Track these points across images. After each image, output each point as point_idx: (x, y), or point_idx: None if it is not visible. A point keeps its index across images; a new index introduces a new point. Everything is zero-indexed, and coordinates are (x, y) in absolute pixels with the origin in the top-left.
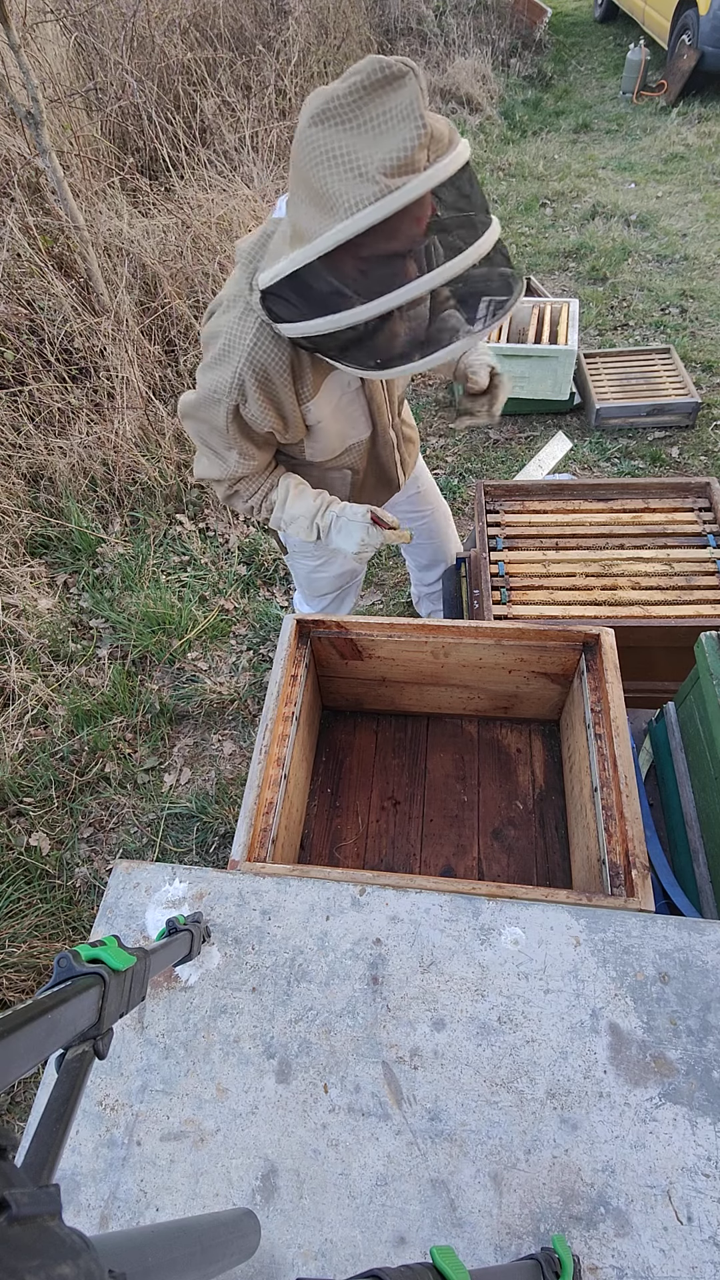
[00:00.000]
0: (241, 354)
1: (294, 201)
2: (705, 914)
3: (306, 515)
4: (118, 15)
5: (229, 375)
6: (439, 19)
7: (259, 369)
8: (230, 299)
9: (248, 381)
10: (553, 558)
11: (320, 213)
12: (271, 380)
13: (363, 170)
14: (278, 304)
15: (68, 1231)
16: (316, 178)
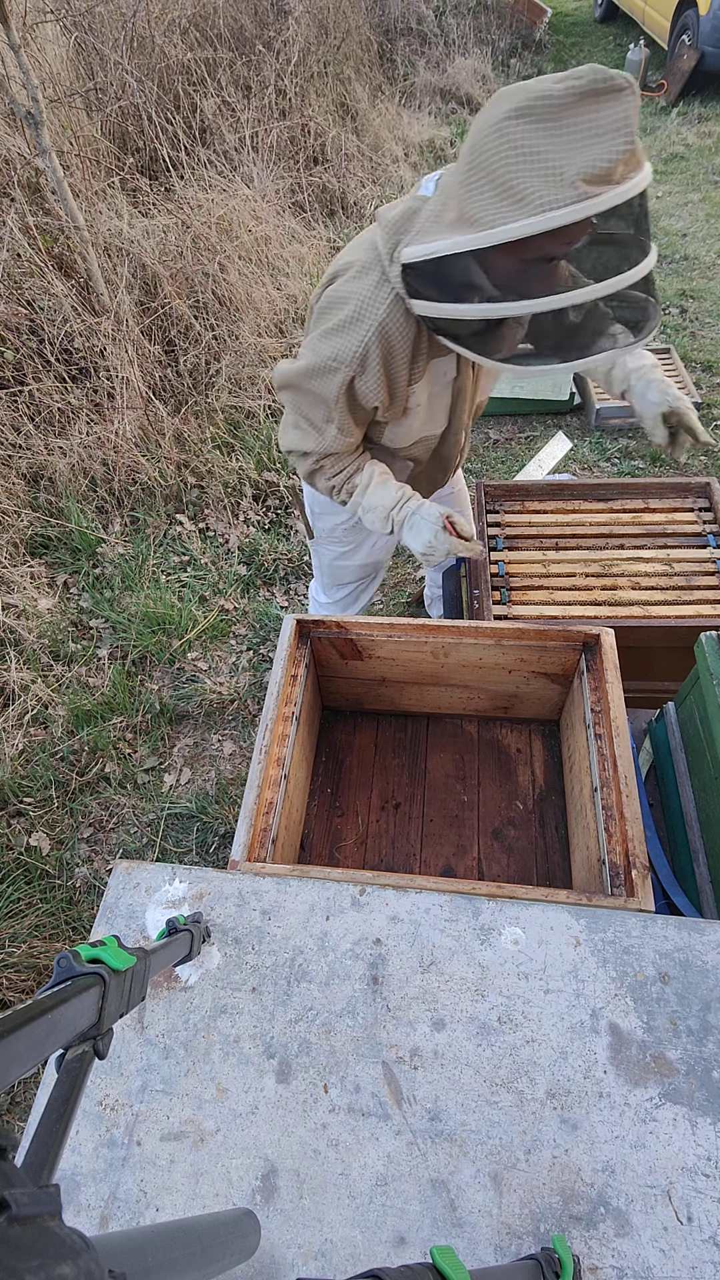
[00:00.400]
0: (372, 323)
1: (468, 186)
2: (705, 914)
3: (385, 506)
4: (118, 15)
5: (354, 344)
6: (439, 19)
7: (386, 340)
8: (363, 266)
9: (372, 352)
10: (553, 558)
11: (504, 204)
12: (394, 354)
13: (561, 173)
14: (420, 281)
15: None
16: (507, 170)
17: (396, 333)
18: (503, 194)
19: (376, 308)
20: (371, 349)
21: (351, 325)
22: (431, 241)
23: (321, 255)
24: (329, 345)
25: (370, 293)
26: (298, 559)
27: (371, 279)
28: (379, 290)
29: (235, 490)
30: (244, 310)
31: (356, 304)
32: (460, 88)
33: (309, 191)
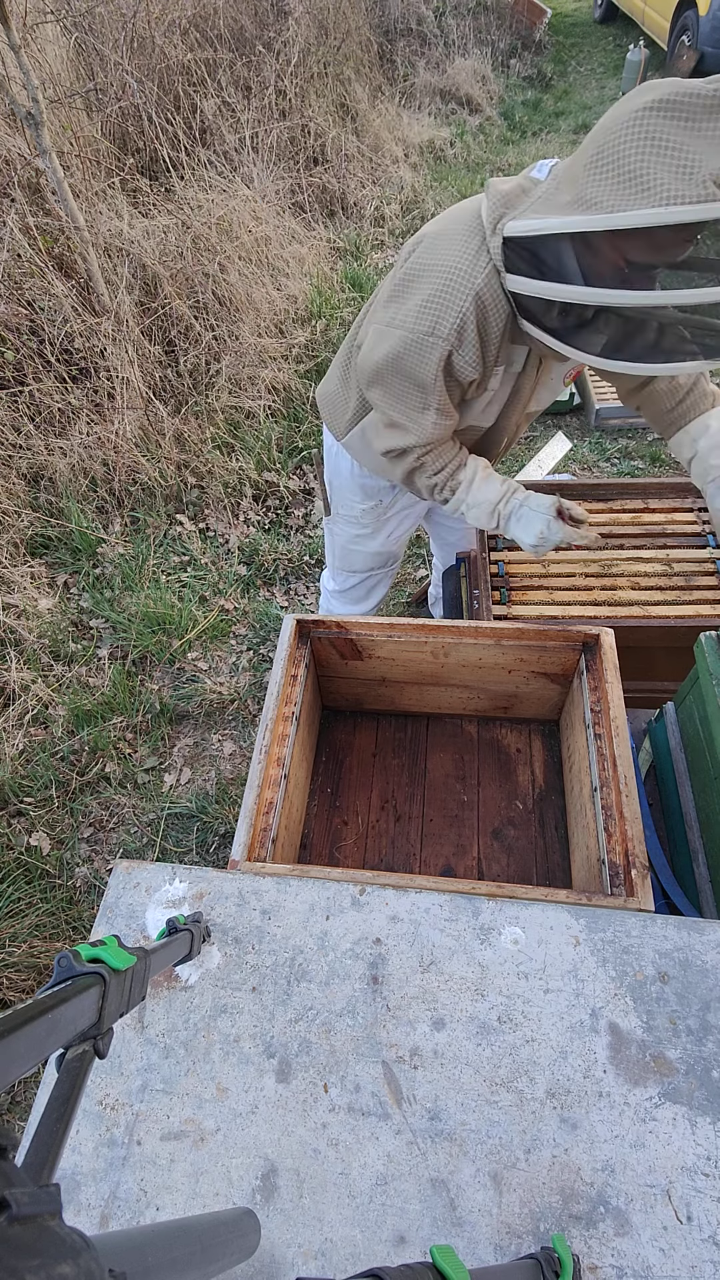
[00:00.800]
0: (469, 292)
1: (592, 169)
2: (705, 914)
3: (490, 501)
4: (118, 16)
5: (452, 315)
6: (439, 19)
7: (482, 311)
8: (461, 233)
9: (469, 322)
10: (552, 558)
11: (627, 191)
12: (489, 327)
13: (692, 171)
14: (521, 256)
15: (68, 1231)
16: (637, 158)
17: (492, 304)
18: (628, 181)
19: (474, 276)
20: (468, 319)
21: (447, 295)
22: (542, 218)
23: (321, 255)
24: (424, 319)
25: (468, 261)
26: (298, 559)
27: (470, 247)
28: (478, 259)
29: (235, 490)
30: (244, 310)
31: (450, 272)
32: (460, 88)
33: (309, 192)
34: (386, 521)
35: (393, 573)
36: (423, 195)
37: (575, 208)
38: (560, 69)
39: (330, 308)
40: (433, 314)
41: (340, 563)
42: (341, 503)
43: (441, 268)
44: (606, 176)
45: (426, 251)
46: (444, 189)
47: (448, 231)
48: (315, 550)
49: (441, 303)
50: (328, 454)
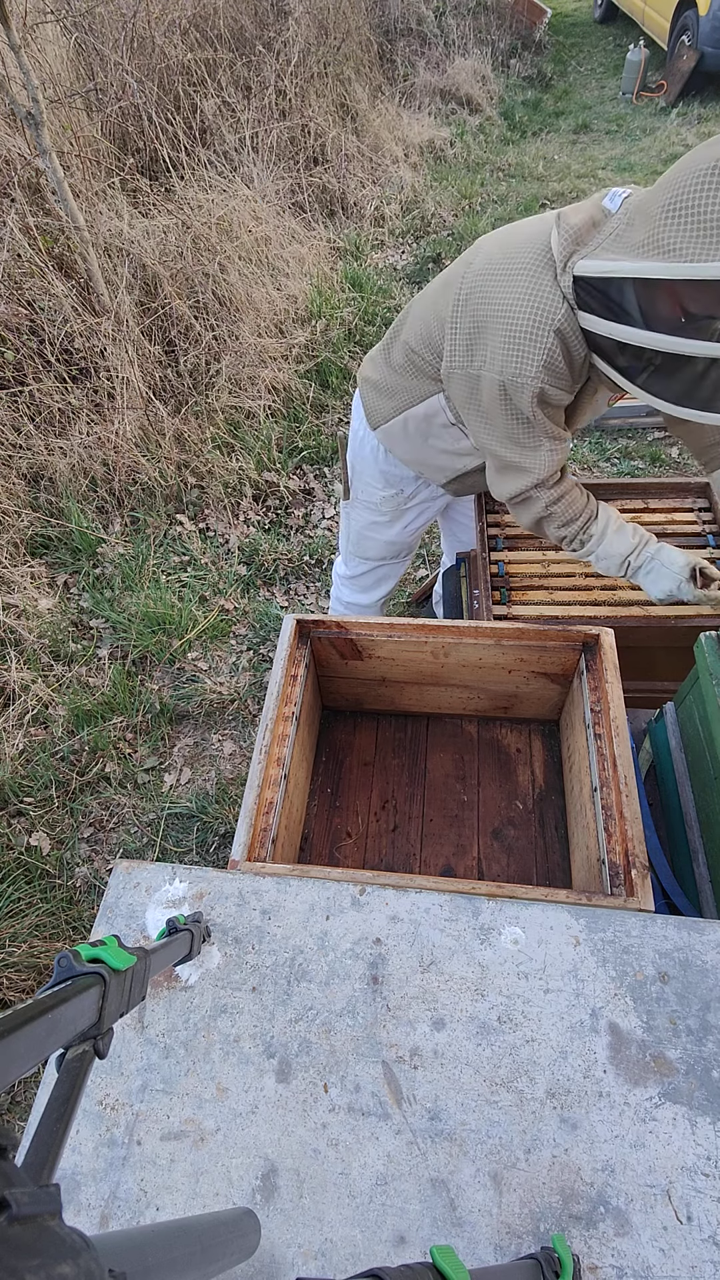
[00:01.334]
0: (549, 329)
1: (670, 213)
2: (705, 914)
3: (621, 554)
4: (118, 16)
5: (539, 353)
6: (439, 20)
7: (565, 343)
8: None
9: (556, 356)
10: (553, 558)
11: (706, 240)
12: (573, 355)
13: None
14: (594, 296)
15: (68, 1231)
16: (716, 207)
17: (572, 336)
18: (708, 230)
19: (554, 313)
20: (555, 353)
21: (531, 335)
22: (614, 260)
23: (321, 255)
24: (510, 361)
25: (545, 298)
26: (298, 559)
27: (544, 283)
28: (551, 294)
29: (235, 490)
30: (244, 310)
31: (529, 310)
32: (460, 88)
33: (309, 192)
34: (405, 512)
35: (404, 565)
36: (423, 195)
37: (651, 251)
38: (560, 69)
39: (330, 308)
40: (518, 355)
41: (354, 548)
42: (362, 488)
43: (519, 306)
44: (685, 224)
45: (499, 286)
46: (444, 189)
47: (517, 264)
48: (315, 550)
49: (526, 343)
50: (353, 438)
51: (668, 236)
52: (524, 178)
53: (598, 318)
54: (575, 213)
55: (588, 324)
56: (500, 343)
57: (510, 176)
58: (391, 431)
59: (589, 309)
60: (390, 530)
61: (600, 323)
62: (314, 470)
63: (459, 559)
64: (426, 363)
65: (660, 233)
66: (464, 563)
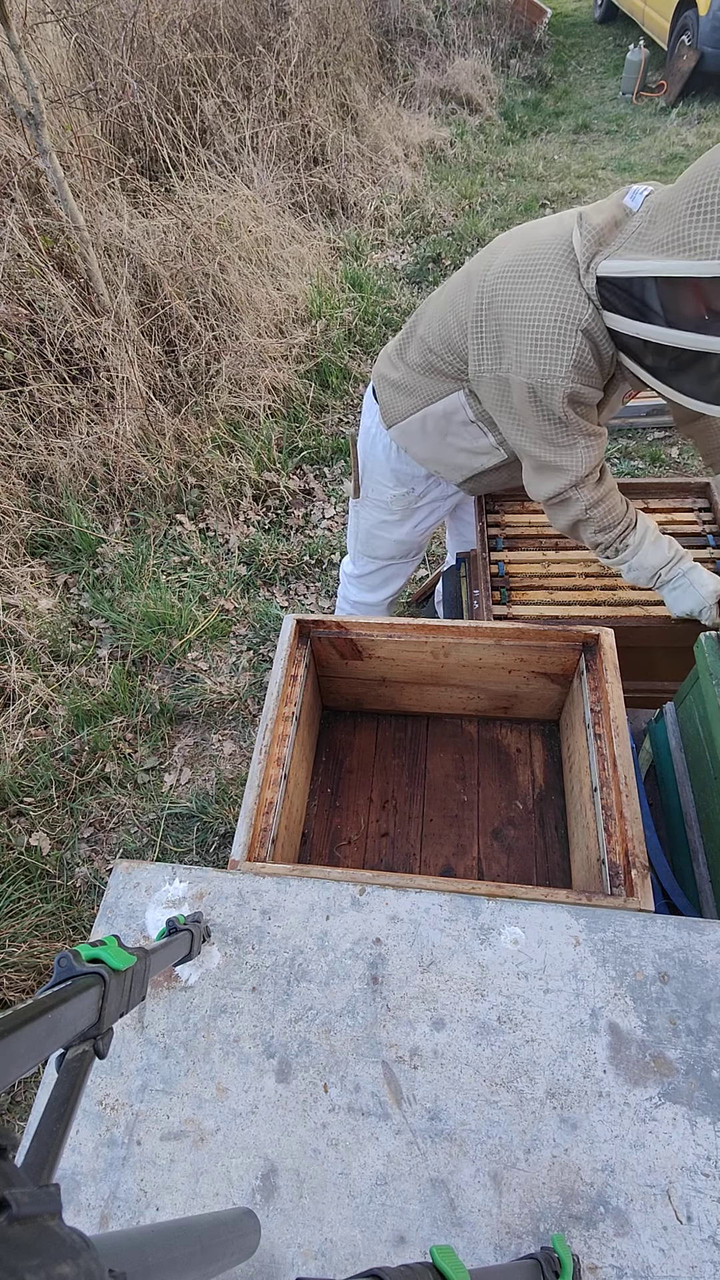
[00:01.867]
0: (576, 329)
1: (694, 209)
2: (705, 914)
3: (654, 566)
4: (118, 16)
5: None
6: (439, 20)
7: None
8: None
9: (586, 356)
10: (553, 558)
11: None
12: (601, 354)
13: None
14: (619, 296)
15: (68, 1231)
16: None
17: (599, 335)
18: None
19: (580, 313)
20: (584, 353)
21: (558, 337)
22: (638, 259)
23: (321, 255)
24: (539, 363)
25: (570, 299)
26: (298, 559)
27: (568, 283)
28: (575, 294)
29: (235, 490)
30: (244, 310)
31: (556, 313)
32: (460, 88)
33: (309, 192)
34: (415, 511)
35: (413, 565)
36: (423, 195)
37: (675, 249)
38: (560, 69)
39: (330, 308)
40: (546, 358)
41: (362, 547)
42: (372, 486)
43: (544, 308)
44: (710, 220)
45: (522, 288)
46: (444, 189)
47: (539, 265)
48: (315, 550)
49: (554, 345)
50: (364, 435)
51: (692, 233)
52: (524, 178)
53: (623, 317)
54: (597, 212)
55: (614, 324)
56: (528, 345)
57: (510, 176)
58: (409, 429)
59: (614, 309)
60: (400, 529)
61: (626, 322)
62: (314, 470)
63: (459, 559)
64: (446, 362)
65: (684, 230)
66: (464, 563)
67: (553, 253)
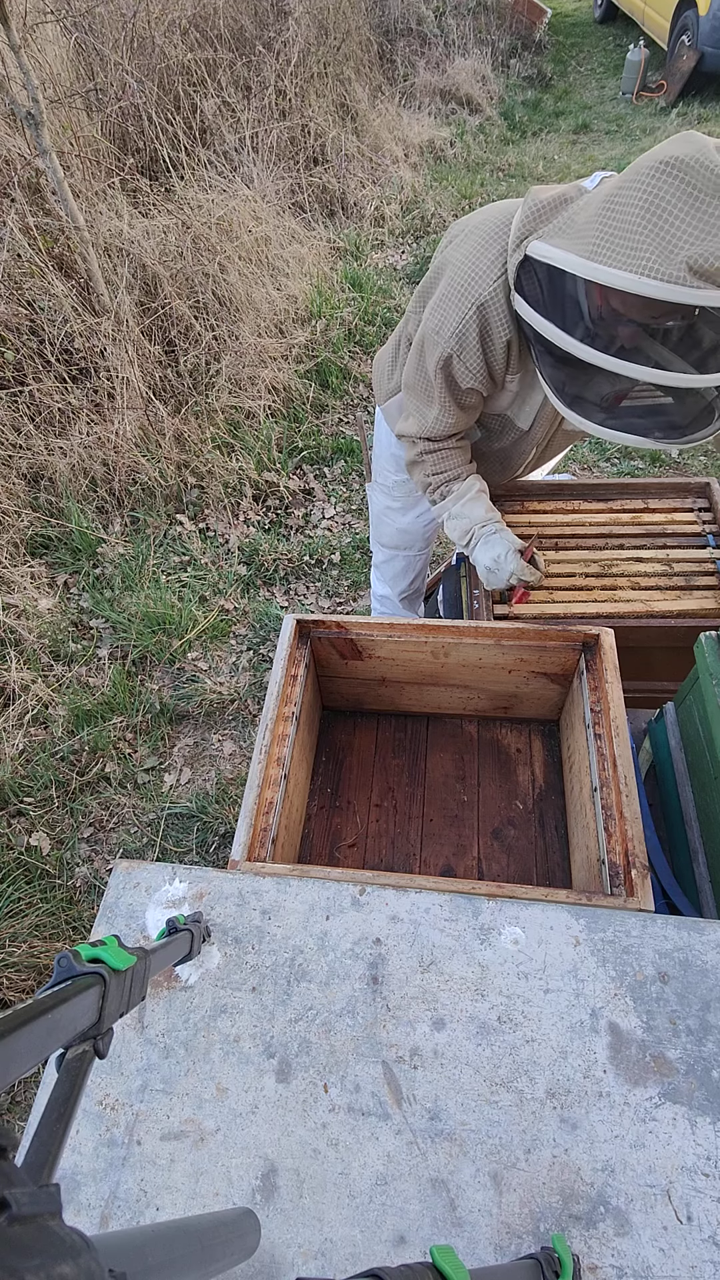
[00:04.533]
0: (473, 301)
1: (606, 206)
2: (705, 914)
3: (471, 519)
4: (118, 16)
5: (454, 319)
6: (439, 20)
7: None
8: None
9: (470, 330)
10: (553, 558)
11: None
12: (493, 336)
13: (673, 249)
14: (527, 279)
15: (68, 1231)
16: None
17: (496, 316)
18: (620, 235)
19: (482, 285)
20: (470, 327)
21: (453, 299)
22: (554, 246)
23: (321, 255)
24: (433, 317)
25: (481, 269)
26: (298, 559)
27: (488, 255)
28: (491, 268)
29: (235, 490)
30: (244, 310)
31: (461, 276)
32: (460, 88)
33: (309, 192)
34: (419, 500)
35: (422, 559)
36: (423, 195)
37: (578, 241)
38: (560, 69)
39: (330, 308)
40: (439, 314)
41: (374, 532)
42: (379, 471)
43: (456, 269)
44: (608, 223)
45: (458, 245)
46: (444, 189)
47: (477, 232)
48: (315, 550)
49: (448, 305)
50: (376, 420)
51: (591, 230)
52: (524, 178)
53: (525, 303)
54: (547, 189)
55: (517, 307)
56: (437, 296)
57: (510, 176)
58: (390, 410)
59: (521, 291)
60: (403, 518)
61: (524, 308)
62: (314, 470)
63: (459, 558)
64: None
65: (590, 224)
66: (464, 562)
67: (495, 221)
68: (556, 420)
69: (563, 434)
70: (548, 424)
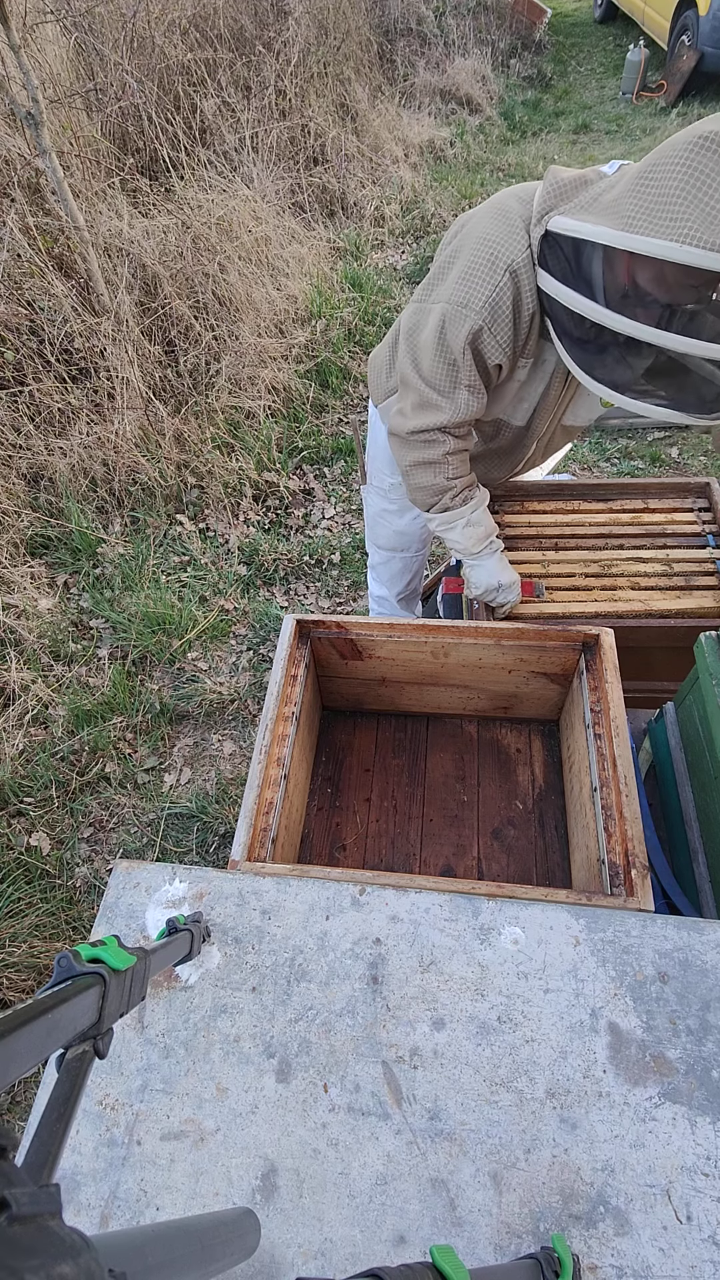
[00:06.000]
0: (504, 267)
1: (639, 182)
2: (705, 914)
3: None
4: (118, 16)
5: (487, 288)
6: (439, 20)
7: (517, 288)
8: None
9: (504, 299)
10: (553, 558)
11: (654, 217)
12: (522, 307)
13: (716, 216)
14: (554, 254)
15: (68, 1231)
16: (677, 187)
17: (527, 285)
18: (659, 207)
19: (513, 252)
20: (504, 295)
21: (484, 268)
22: (581, 220)
23: (321, 255)
24: (459, 290)
25: (508, 237)
26: (298, 559)
27: (513, 226)
28: (519, 237)
29: (235, 490)
30: (244, 310)
31: (488, 245)
32: (460, 88)
33: (309, 192)
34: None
35: (419, 560)
36: (423, 195)
37: (610, 216)
38: (560, 69)
39: (330, 308)
40: (469, 286)
41: (370, 534)
42: (374, 473)
43: (481, 241)
44: (644, 196)
45: (479, 222)
46: (444, 189)
47: (497, 207)
48: (315, 550)
49: (478, 275)
50: (370, 421)
51: (627, 204)
52: (524, 178)
53: (551, 278)
54: (567, 170)
55: (543, 284)
56: (458, 272)
57: (510, 177)
58: (388, 409)
59: (547, 267)
60: (400, 519)
61: (551, 282)
62: (314, 470)
63: (459, 559)
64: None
65: (624, 199)
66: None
67: (516, 199)
68: (556, 414)
69: (563, 429)
70: (548, 418)
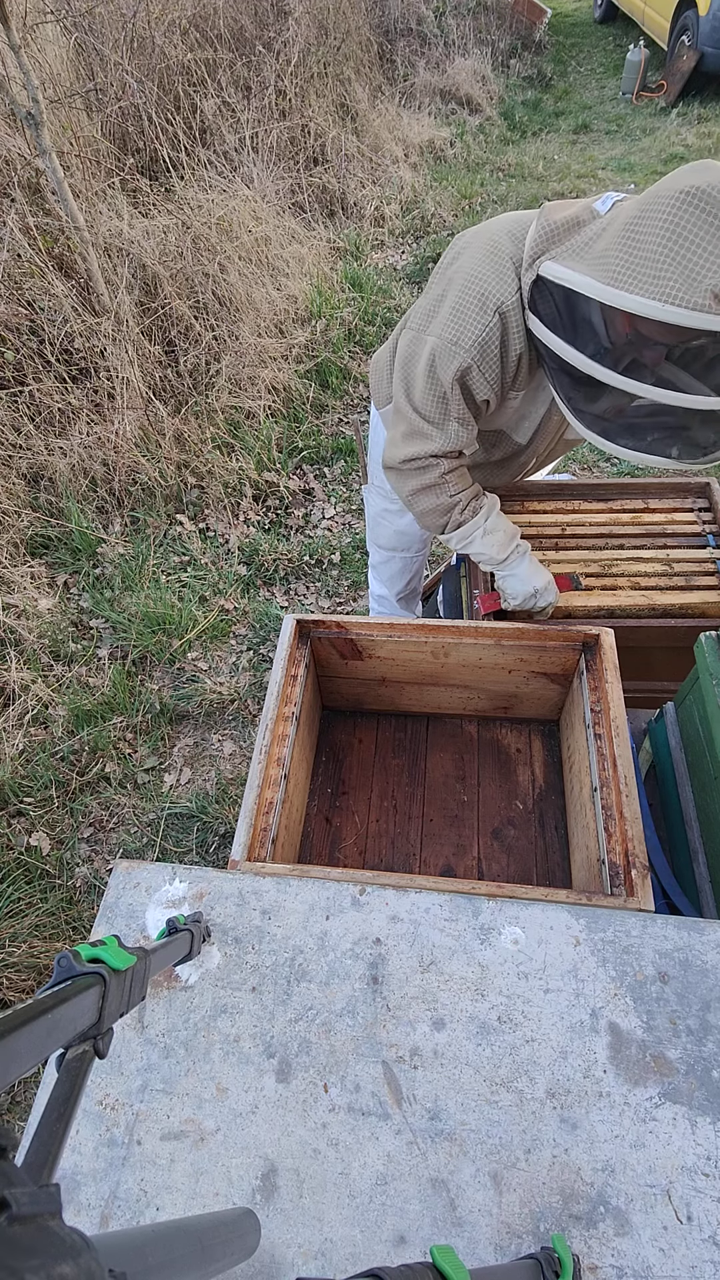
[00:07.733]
0: (493, 308)
1: (626, 232)
2: (705, 914)
3: (507, 531)
4: (118, 16)
5: (476, 327)
6: (439, 20)
7: (505, 330)
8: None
9: (492, 339)
10: (553, 558)
11: (635, 272)
12: (509, 348)
13: (698, 276)
14: (542, 298)
15: (68, 1231)
16: (657, 243)
17: (515, 327)
18: (640, 263)
19: (502, 293)
20: (492, 335)
21: (473, 309)
22: (571, 269)
23: (321, 255)
24: (449, 327)
25: (499, 279)
26: (298, 559)
27: (502, 266)
28: (508, 279)
29: (235, 490)
30: (244, 310)
31: (480, 284)
32: (460, 88)
33: (309, 192)
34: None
35: (419, 559)
36: (423, 195)
37: (596, 266)
38: (560, 69)
39: (330, 308)
40: (457, 324)
41: (370, 534)
42: (375, 473)
43: (472, 278)
44: (631, 251)
45: (469, 257)
46: (444, 189)
47: (490, 243)
48: (315, 550)
49: (468, 314)
50: (371, 422)
51: (613, 255)
52: (524, 178)
53: (540, 323)
54: (561, 208)
55: (532, 326)
56: (449, 308)
57: (510, 176)
58: (388, 414)
59: (535, 310)
60: (400, 520)
61: (540, 328)
62: (314, 470)
63: (459, 559)
64: None
65: (610, 249)
66: (464, 562)
67: (509, 237)
68: (558, 433)
69: (564, 443)
70: (549, 437)
